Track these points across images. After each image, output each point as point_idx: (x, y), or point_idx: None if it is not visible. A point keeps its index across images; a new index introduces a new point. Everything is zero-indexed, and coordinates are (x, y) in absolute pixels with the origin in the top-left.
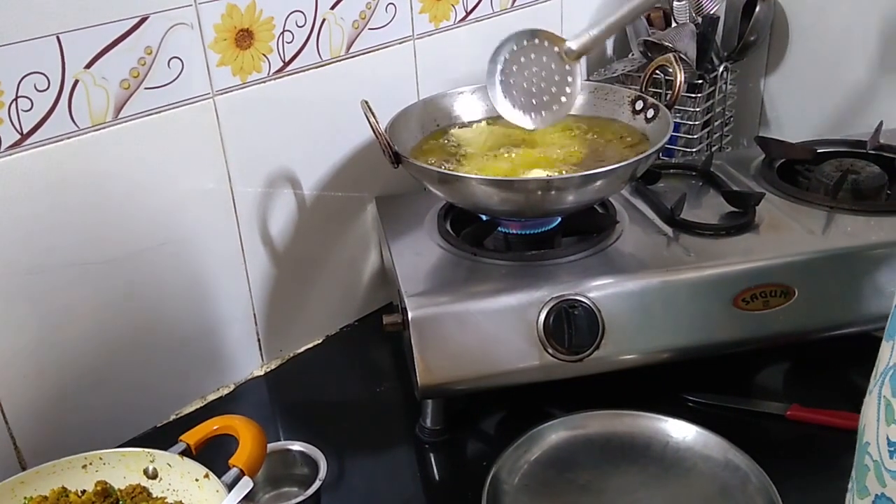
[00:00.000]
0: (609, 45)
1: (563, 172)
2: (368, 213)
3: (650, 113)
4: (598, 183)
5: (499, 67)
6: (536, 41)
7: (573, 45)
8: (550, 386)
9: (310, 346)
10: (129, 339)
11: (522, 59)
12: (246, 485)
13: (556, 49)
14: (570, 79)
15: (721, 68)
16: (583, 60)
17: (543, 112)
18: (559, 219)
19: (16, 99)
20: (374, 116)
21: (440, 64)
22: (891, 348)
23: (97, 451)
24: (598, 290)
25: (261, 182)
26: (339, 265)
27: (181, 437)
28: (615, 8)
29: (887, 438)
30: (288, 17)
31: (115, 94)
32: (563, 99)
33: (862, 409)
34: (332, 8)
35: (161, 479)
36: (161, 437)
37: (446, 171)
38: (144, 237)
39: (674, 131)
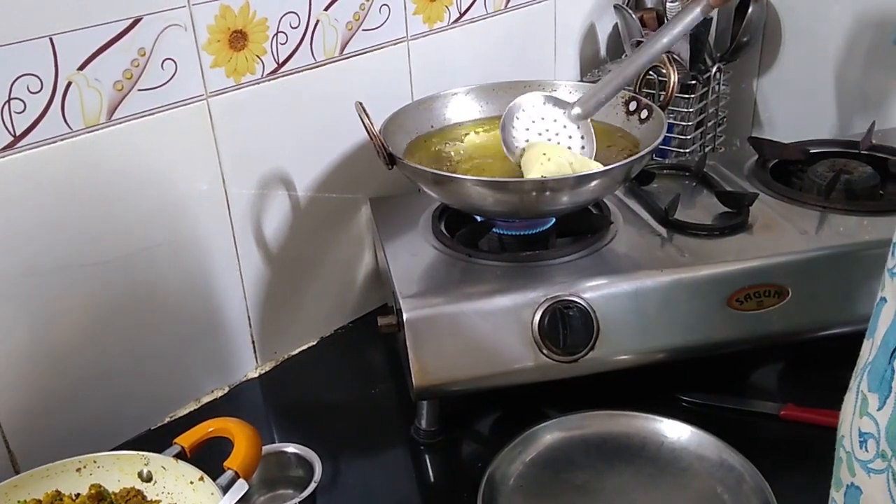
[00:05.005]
0: (602, 46)
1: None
2: (363, 214)
3: (644, 114)
4: (593, 184)
5: (513, 132)
6: (543, 103)
7: (578, 110)
8: (546, 387)
9: (304, 347)
10: (123, 341)
11: (533, 122)
12: (241, 487)
13: (563, 111)
14: (583, 137)
15: (714, 69)
16: (576, 61)
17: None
18: (553, 220)
19: (8, 101)
20: (369, 117)
21: (434, 65)
22: (870, 346)
23: (91, 454)
24: (593, 291)
25: (255, 183)
26: (334, 266)
27: (175, 440)
28: (619, 69)
29: (859, 430)
30: (282, 18)
31: (108, 96)
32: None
33: (842, 405)
34: (326, 9)
35: (155, 482)
36: (155, 440)
37: (440, 172)
38: (138, 239)
39: (667, 132)
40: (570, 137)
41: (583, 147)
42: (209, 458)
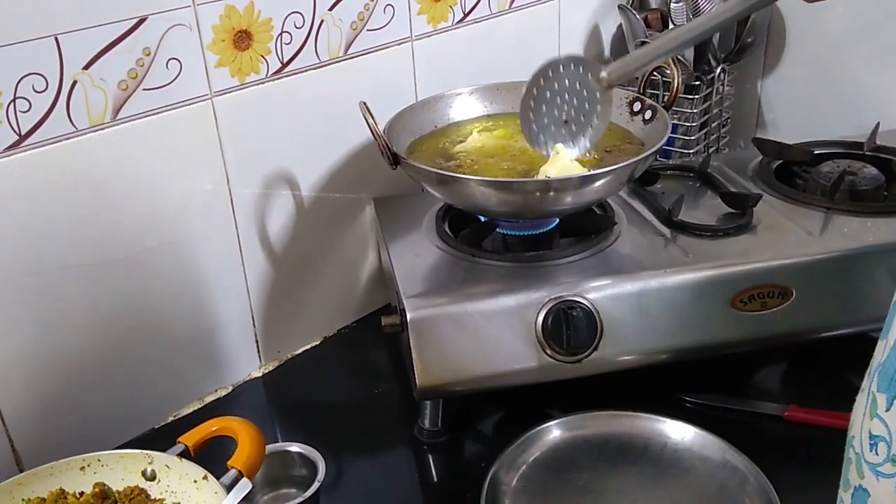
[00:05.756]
0: (606, 46)
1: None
2: (367, 214)
3: (648, 114)
4: (597, 184)
5: (534, 92)
6: (573, 67)
7: (606, 73)
8: (549, 387)
9: (308, 347)
10: (127, 341)
11: (556, 85)
12: (245, 486)
13: (591, 76)
14: (599, 107)
15: (718, 70)
16: None
17: (571, 142)
18: (557, 220)
19: (14, 100)
20: (373, 117)
21: (438, 65)
22: (883, 347)
23: (95, 452)
24: (597, 291)
25: (259, 183)
26: (338, 266)
27: (179, 439)
28: (659, 39)
29: (869, 432)
30: (286, 18)
31: (113, 95)
32: (591, 128)
33: (854, 405)
34: (331, 9)
35: (159, 480)
36: (159, 439)
37: (444, 172)
38: (142, 238)
39: (671, 133)
40: (588, 106)
41: (596, 118)
42: (213, 457)
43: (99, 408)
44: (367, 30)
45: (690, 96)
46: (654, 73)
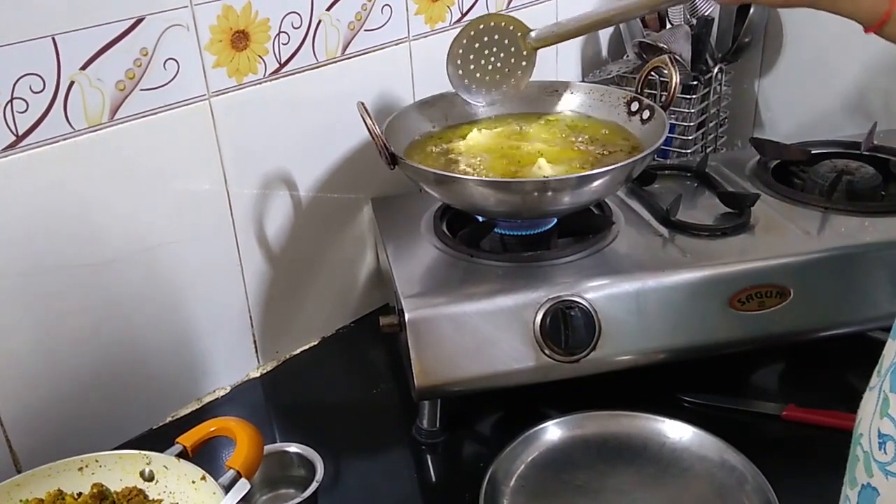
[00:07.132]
0: (604, 46)
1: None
2: (364, 214)
3: (646, 114)
4: (595, 184)
5: (463, 41)
6: (503, 24)
7: (534, 35)
8: (547, 387)
9: (305, 347)
10: (125, 341)
11: (486, 39)
12: (243, 487)
13: (520, 34)
14: (524, 64)
15: (716, 70)
16: (577, 62)
17: (493, 91)
18: (555, 220)
19: (11, 100)
20: (371, 117)
21: (436, 65)
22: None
23: (93, 453)
24: (595, 291)
25: (256, 183)
26: (335, 267)
27: (177, 440)
28: (586, 13)
29: (878, 431)
30: (284, 18)
31: (110, 96)
32: (513, 81)
33: (861, 403)
34: (328, 9)
35: (157, 481)
36: (157, 440)
37: (442, 172)
38: (140, 238)
39: (669, 132)
40: (513, 61)
41: (520, 72)
42: (211, 458)
43: (97, 408)
44: (365, 30)
45: (688, 96)
46: (652, 73)
